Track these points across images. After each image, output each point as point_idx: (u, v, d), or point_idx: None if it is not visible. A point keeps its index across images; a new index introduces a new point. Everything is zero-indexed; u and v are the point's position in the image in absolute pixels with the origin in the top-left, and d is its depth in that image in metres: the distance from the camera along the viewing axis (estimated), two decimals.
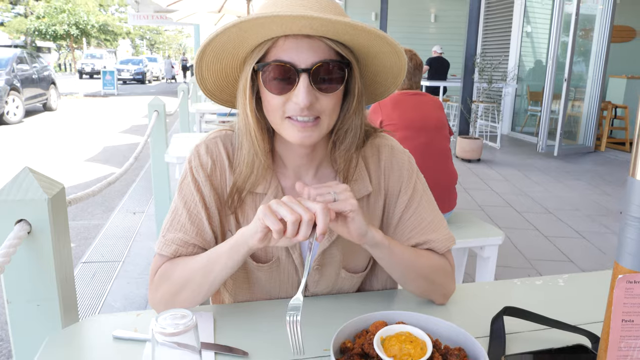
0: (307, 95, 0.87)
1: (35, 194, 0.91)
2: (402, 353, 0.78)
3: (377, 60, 0.97)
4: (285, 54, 0.88)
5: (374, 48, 0.92)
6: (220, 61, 0.96)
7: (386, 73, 1.00)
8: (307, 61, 0.87)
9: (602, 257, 3.85)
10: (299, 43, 0.88)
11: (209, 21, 11.26)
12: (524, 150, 8.40)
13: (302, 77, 0.87)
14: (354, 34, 0.87)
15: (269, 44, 0.89)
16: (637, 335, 0.67)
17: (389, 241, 0.94)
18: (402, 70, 0.99)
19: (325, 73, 0.89)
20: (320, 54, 0.88)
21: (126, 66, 27.87)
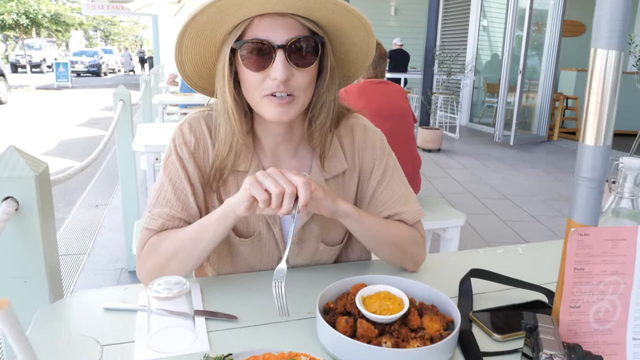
0: (284, 70, 0.92)
1: (22, 171, 0.93)
2: (382, 308, 0.85)
3: (348, 39, 1.03)
4: (262, 32, 0.93)
5: (344, 25, 0.98)
6: (198, 45, 0.99)
7: (357, 52, 1.07)
8: (282, 38, 0.93)
9: (555, 238, 4.08)
10: (273, 21, 0.93)
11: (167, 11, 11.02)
12: (481, 140, 8.70)
13: (279, 53, 0.92)
14: (324, 9, 0.92)
15: (245, 24, 0.94)
16: (587, 281, 0.77)
17: (358, 213, 1.01)
18: (371, 49, 1.05)
19: (300, 49, 0.94)
20: (294, 31, 0.94)
21: (80, 58, 26.89)
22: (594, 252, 0.76)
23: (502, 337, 0.88)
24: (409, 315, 0.85)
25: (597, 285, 0.78)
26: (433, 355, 0.77)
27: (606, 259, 0.77)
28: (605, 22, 0.66)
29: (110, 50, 35.26)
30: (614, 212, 0.82)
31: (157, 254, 0.99)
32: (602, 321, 0.79)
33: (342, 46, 1.05)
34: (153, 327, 0.85)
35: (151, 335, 0.84)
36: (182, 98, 6.12)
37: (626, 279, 0.78)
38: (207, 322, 0.92)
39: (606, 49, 0.68)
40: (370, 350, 0.76)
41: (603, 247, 0.76)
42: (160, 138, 2.91)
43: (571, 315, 0.78)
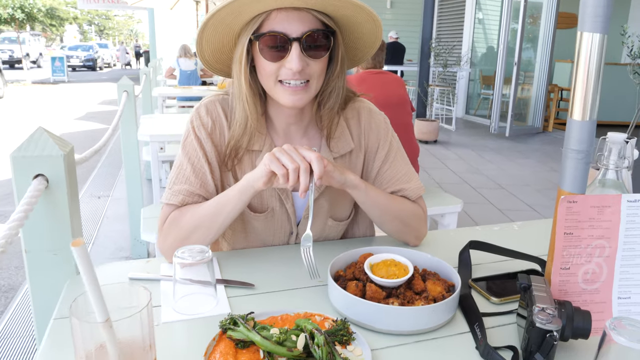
0: (299, 61, 1.00)
1: (52, 150, 1.00)
2: (389, 274, 0.92)
3: (357, 29, 1.10)
4: (279, 25, 1.00)
5: (354, 18, 1.06)
6: (218, 33, 1.06)
7: (365, 40, 1.14)
8: (297, 31, 1.00)
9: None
10: (289, 15, 1.00)
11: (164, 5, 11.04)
12: (477, 131, 8.78)
13: (294, 45, 1.00)
14: (337, 5, 0.99)
15: (263, 16, 1.01)
16: (576, 245, 0.85)
17: (365, 184, 1.09)
18: (378, 38, 1.13)
19: (314, 41, 1.02)
20: (308, 24, 1.01)
21: (75, 52, 26.76)
22: (582, 217, 0.84)
23: (499, 300, 0.96)
24: (413, 280, 0.93)
25: (585, 249, 0.85)
26: (436, 313, 0.85)
27: (593, 224, 0.84)
28: (590, 8, 0.74)
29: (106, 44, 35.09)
30: (601, 183, 0.90)
31: (178, 228, 1.06)
32: (589, 282, 0.87)
33: (351, 34, 1.12)
34: (178, 293, 0.92)
35: (176, 300, 0.92)
36: (181, 91, 6.17)
37: (611, 243, 0.85)
38: (226, 289, 0.99)
39: (591, 32, 0.75)
40: (379, 308, 0.83)
41: (590, 214, 0.84)
42: (164, 128, 2.98)
43: (562, 276, 0.86)
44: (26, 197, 0.94)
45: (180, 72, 7.34)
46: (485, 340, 0.80)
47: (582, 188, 0.84)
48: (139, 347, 0.54)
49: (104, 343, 0.53)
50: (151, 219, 2.33)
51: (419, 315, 0.83)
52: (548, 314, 0.74)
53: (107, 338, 0.51)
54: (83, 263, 0.47)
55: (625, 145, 0.86)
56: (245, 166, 1.14)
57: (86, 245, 0.47)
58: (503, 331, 0.87)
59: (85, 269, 0.47)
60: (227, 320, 0.79)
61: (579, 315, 0.78)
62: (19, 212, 0.89)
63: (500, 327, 0.88)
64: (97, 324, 0.51)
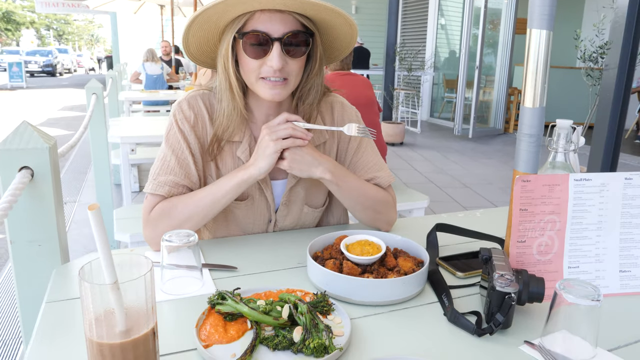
0: (280, 60, 1.07)
1: (37, 143, 1.03)
2: (363, 252, 1.00)
3: (334, 31, 1.18)
4: (262, 25, 1.07)
5: (332, 22, 1.13)
6: (203, 29, 1.12)
7: (341, 41, 1.22)
8: (279, 31, 1.07)
9: None
10: (272, 16, 1.07)
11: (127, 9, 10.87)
12: (442, 134, 9.03)
13: (275, 45, 1.06)
14: (316, 9, 1.07)
15: (247, 16, 1.08)
16: (530, 219, 0.94)
17: (335, 176, 1.16)
18: (354, 39, 1.21)
19: (294, 41, 1.09)
20: (289, 25, 1.08)
21: (34, 57, 25.93)
22: (535, 195, 0.93)
23: (463, 275, 1.05)
24: (386, 258, 1.01)
25: (539, 223, 0.95)
26: (408, 284, 0.92)
27: (545, 201, 0.94)
28: (538, 7, 0.83)
29: (66, 49, 34.18)
30: (551, 165, 1.00)
31: (170, 218, 1.10)
32: (543, 253, 0.97)
33: (329, 36, 1.20)
34: (165, 276, 0.97)
35: (164, 283, 0.96)
36: (148, 95, 6.13)
37: (561, 218, 0.95)
38: (211, 272, 1.04)
39: (538, 28, 0.85)
40: (356, 281, 0.91)
41: (542, 191, 0.94)
42: (134, 130, 2.98)
43: (518, 249, 0.95)
44: (11, 189, 0.97)
45: (146, 76, 7.27)
46: (452, 307, 0.88)
47: (534, 168, 0.93)
48: (143, 310, 0.60)
49: (110, 308, 0.58)
50: (124, 219, 2.34)
51: (392, 287, 0.91)
52: (507, 278, 0.83)
53: (115, 300, 0.56)
54: (97, 226, 0.52)
55: (571, 131, 0.97)
56: (225, 156, 1.20)
57: (100, 210, 0.52)
58: (468, 300, 0.96)
59: (98, 232, 0.52)
60: (215, 296, 0.84)
61: (534, 281, 0.87)
62: (4, 202, 0.91)
63: (465, 297, 0.97)
64: (106, 285, 0.56)
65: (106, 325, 0.58)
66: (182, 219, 1.10)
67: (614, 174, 0.96)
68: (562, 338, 0.80)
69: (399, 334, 0.84)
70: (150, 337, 0.61)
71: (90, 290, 0.56)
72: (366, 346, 0.80)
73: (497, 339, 0.83)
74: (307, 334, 0.75)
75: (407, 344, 0.81)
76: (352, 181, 1.21)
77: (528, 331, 0.85)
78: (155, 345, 0.62)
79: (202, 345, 0.75)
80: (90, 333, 0.58)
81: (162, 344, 0.78)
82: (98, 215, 0.52)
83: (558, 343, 0.80)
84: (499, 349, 0.80)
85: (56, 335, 0.80)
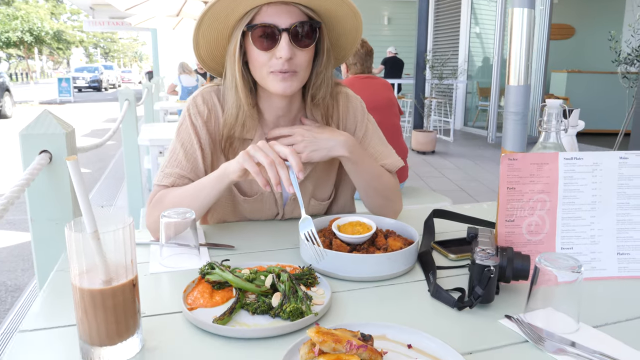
0: (288, 50, 1.10)
1: (56, 129, 1.11)
2: (354, 232, 1.02)
3: (340, 24, 1.21)
4: (269, 18, 1.11)
5: (337, 12, 1.16)
6: (213, 29, 1.16)
7: (346, 36, 1.25)
8: (286, 22, 1.10)
9: None
10: (278, 9, 1.11)
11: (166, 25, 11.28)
12: (475, 142, 8.90)
13: (283, 35, 1.10)
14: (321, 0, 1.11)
15: (254, 11, 1.12)
16: (519, 198, 0.95)
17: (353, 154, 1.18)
18: (359, 35, 1.24)
19: (301, 32, 1.12)
20: (296, 16, 1.12)
21: (81, 74, 27.24)
22: (523, 174, 0.94)
23: (455, 257, 1.06)
24: (377, 238, 1.03)
25: (527, 202, 0.95)
26: (394, 261, 0.94)
27: (534, 180, 0.94)
28: None
29: (111, 66, 35.76)
30: (542, 145, 1.00)
31: (162, 205, 1.15)
32: (534, 233, 0.96)
33: (334, 30, 1.23)
34: (164, 253, 1.02)
35: (163, 258, 1.02)
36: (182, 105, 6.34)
37: (551, 197, 0.95)
38: (210, 250, 1.09)
39: (520, 7, 0.86)
40: (342, 256, 0.93)
41: (530, 170, 0.94)
42: (164, 134, 3.10)
43: (507, 228, 0.96)
44: (29, 169, 1.05)
45: (182, 88, 7.54)
46: (435, 282, 0.89)
47: (521, 146, 0.94)
48: (122, 261, 0.65)
49: (93, 258, 0.63)
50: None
51: (377, 263, 0.93)
52: (487, 252, 0.84)
53: (95, 248, 0.62)
54: (75, 176, 0.57)
55: (561, 111, 0.97)
56: (237, 152, 1.22)
57: (78, 161, 0.57)
58: (457, 280, 0.97)
59: (77, 181, 0.58)
60: (205, 267, 0.89)
61: (518, 258, 0.88)
62: (22, 180, 1.00)
63: (454, 277, 0.98)
64: (87, 234, 0.61)
65: (88, 273, 0.63)
66: (169, 206, 1.13)
67: (608, 153, 0.96)
68: (543, 312, 0.80)
69: (381, 307, 0.85)
70: (128, 288, 0.65)
71: (74, 239, 0.61)
72: (345, 315, 0.82)
73: (478, 313, 0.83)
74: (285, 299, 0.79)
75: (386, 315, 0.83)
76: (369, 162, 1.23)
77: (512, 308, 0.85)
78: (134, 296, 0.67)
79: (187, 308, 0.79)
80: (75, 280, 0.63)
81: (154, 307, 0.83)
82: (76, 166, 0.57)
83: (539, 317, 0.80)
84: (478, 323, 0.81)
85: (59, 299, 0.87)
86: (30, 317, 0.79)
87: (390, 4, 12.80)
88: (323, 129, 1.19)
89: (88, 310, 0.64)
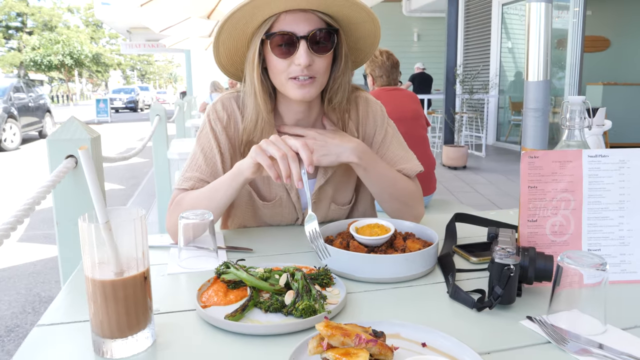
0: (307, 57, 1.11)
1: (81, 135, 1.15)
2: (372, 234, 1.01)
3: (358, 29, 1.21)
4: (287, 26, 1.12)
5: (355, 18, 1.17)
6: (232, 37, 1.18)
7: (365, 40, 1.25)
8: (304, 30, 1.12)
9: None
10: (296, 17, 1.12)
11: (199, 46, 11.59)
12: (508, 158, 8.71)
13: (302, 43, 1.11)
14: (338, 5, 1.12)
15: (273, 19, 1.13)
16: (541, 197, 0.92)
17: (363, 160, 1.17)
18: (377, 39, 1.24)
19: (319, 38, 1.13)
20: (314, 23, 1.13)
21: (118, 95, 28.24)
22: (545, 172, 0.91)
23: (477, 260, 1.03)
24: (395, 240, 1.01)
25: (550, 202, 0.92)
26: (410, 262, 0.92)
27: (556, 178, 0.91)
28: None
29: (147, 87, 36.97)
30: (566, 144, 0.97)
31: (180, 208, 1.16)
32: (558, 234, 0.93)
33: (353, 35, 1.24)
34: (183, 255, 1.03)
35: (182, 260, 1.02)
36: None
37: (576, 196, 0.92)
38: (227, 254, 1.09)
39: (537, 1, 0.84)
40: (360, 257, 0.92)
41: (552, 168, 0.91)
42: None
43: (529, 228, 0.92)
44: (55, 173, 1.09)
45: None
46: (454, 283, 0.87)
47: (542, 144, 0.91)
48: (134, 254, 0.65)
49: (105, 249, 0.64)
50: None
51: (395, 263, 0.91)
52: (507, 251, 0.81)
53: (107, 239, 0.63)
54: (88, 167, 0.59)
55: (584, 107, 0.94)
56: None
57: (89, 150, 0.59)
58: (478, 283, 0.93)
59: (89, 172, 0.59)
60: (221, 266, 0.89)
61: (541, 258, 0.84)
62: (47, 182, 1.03)
63: (475, 279, 0.95)
64: (99, 225, 0.62)
65: (100, 264, 0.64)
66: (187, 208, 1.14)
67: (636, 150, 0.92)
68: (568, 314, 0.76)
69: (397, 308, 0.83)
70: (140, 280, 0.66)
71: (87, 230, 0.63)
72: (359, 315, 0.80)
73: (498, 315, 0.80)
74: (298, 297, 0.78)
75: (402, 316, 0.81)
76: (381, 167, 1.22)
77: (535, 310, 0.82)
78: (145, 289, 0.67)
79: (200, 306, 0.80)
80: (87, 271, 0.64)
81: (168, 305, 0.84)
82: (88, 156, 0.59)
83: (563, 319, 0.76)
84: (497, 324, 0.78)
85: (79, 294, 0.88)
86: (49, 312, 0.81)
87: (419, 20, 12.83)
88: (335, 134, 1.19)
89: (100, 301, 0.65)
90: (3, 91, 11.06)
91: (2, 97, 10.85)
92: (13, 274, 3.57)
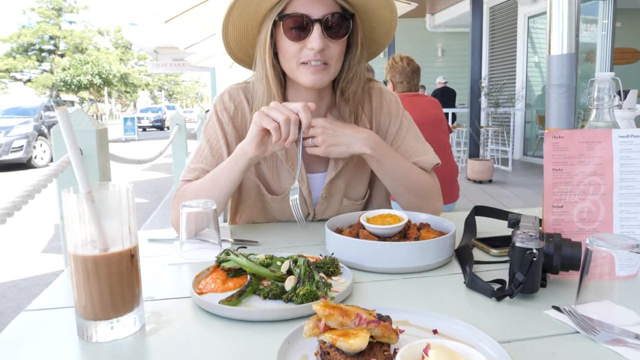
0: (320, 41, 1.06)
1: (87, 126, 1.13)
2: (384, 222, 0.94)
3: (374, 16, 1.16)
4: (301, 8, 1.08)
5: (372, 4, 1.12)
6: (243, 18, 1.14)
7: (380, 29, 1.20)
8: (319, 13, 1.07)
9: None
10: None
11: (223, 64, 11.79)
12: (535, 172, 8.49)
13: (316, 26, 1.07)
14: None
15: (287, 0, 1.09)
16: (567, 181, 0.84)
17: (377, 152, 1.11)
18: (393, 28, 1.19)
19: (334, 23, 1.08)
20: (329, 7, 1.08)
21: (146, 114, 28.90)
22: (571, 153, 0.83)
23: (498, 252, 0.95)
24: (409, 230, 0.94)
25: (577, 186, 0.84)
26: (424, 251, 0.85)
27: (584, 160, 0.84)
28: None
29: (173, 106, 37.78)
30: (594, 125, 0.89)
31: (184, 198, 1.12)
32: (586, 221, 0.85)
33: (368, 23, 1.19)
34: (185, 247, 0.99)
35: (184, 251, 0.98)
36: None
37: (606, 180, 0.84)
38: (232, 246, 1.04)
39: None
40: (369, 244, 0.85)
41: (579, 149, 0.83)
42: None
43: (555, 215, 0.85)
44: (59, 160, 1.06)
45: None
46: (471, 272, 0.80)
47: (568, 123, 0.84)
48: (118, 229, 0.61)
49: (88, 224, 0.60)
50: None
51: (408, 252, 0.84)
52: (529, 235, 0.74)
53: (89, 210, 0.58)
54: (64, 126, 0.55)
55: (614, 84, 0.86)
56: None
57: (67, 110, 0.55)
58: (497, 274, 0.86)
59: (66, 132, 0.55)
60: (221, 254, 0.84)
61: (567, 244, 0.77)
62: (50, 170, 1.00)
63: (495, 271, 0.87)
64: (80, 195, 0.58)
65: (82, 239, 0.60)
66: (191, 197, 1.10)
67: None
68: (598, 305, 0.68)
69: (408, 297, 0.77)
70: (125, 258, 0.61)
71: (68, 200, 0.58)
72: (366, 303, 0.74)
73: (520, 304, 0.73)
74: (299, 283, 0.72)
75: (414, 305, 0.74)
76: (395, 159, 1.16)
77: (560, 300, 0.74)
78: (132, 267, 0.63)
79: (196, 292, 0.74)
80: (70, 247, 0.60)
81: (167, 292, 0.79)
82: (66, 116, 0.55)
83: (593, 309, 0.68)
84: (519, 313, 0.70)
85: None
86: (39, 299, 0.77)
87: (443, 36, 12.79)
88: (345, 124, 1.13)
89: (82, 279, 0.60)
90: (34, 110, 11.41)
91: (34, 116, 11.19)
92: (33, 284, 3.59)
